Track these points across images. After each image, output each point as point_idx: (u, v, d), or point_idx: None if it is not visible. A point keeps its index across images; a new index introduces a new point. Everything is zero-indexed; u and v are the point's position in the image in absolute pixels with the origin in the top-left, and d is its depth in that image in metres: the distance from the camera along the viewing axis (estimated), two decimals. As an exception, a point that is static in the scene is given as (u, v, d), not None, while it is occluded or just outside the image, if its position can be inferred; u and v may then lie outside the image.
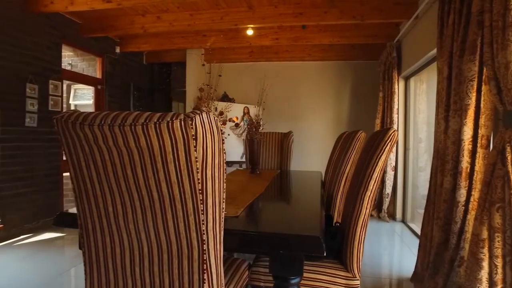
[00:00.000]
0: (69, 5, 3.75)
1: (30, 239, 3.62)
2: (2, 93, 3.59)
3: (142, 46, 5.43)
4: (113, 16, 4.56)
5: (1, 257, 3.13)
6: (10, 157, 3.68)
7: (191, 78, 5.71)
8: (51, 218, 4.21)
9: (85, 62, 5.69)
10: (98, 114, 0.89)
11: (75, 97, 5.96)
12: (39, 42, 4.03)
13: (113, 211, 1.01)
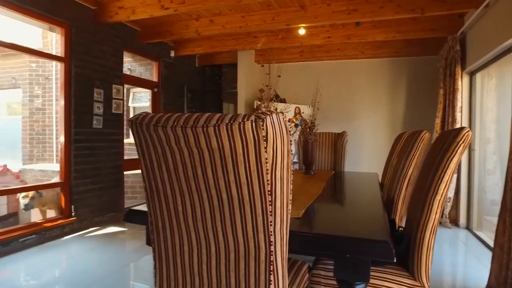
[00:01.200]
0: (131, 14, 3.98)
1: (97, 232, 3.90)
2: (76, 97, 3.93)
3: (195, 49, 5.61)
4: (169, 22, 4.77)
5: (75, 246, 3.41)
6: (81, 156, 4.00)
7: (242, 79, 5.79)
8: (114, 213, 4.51)
9: (142, 66, 6.03)
10: (170, 116, 0.93)
11: (134, 100, 6.33)
12: (105, 50, 4.34)
13: (183, 210, 1.04)
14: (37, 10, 3.52)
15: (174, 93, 5.81)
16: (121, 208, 4.67)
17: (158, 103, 5.50)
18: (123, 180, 4.73)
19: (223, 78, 6.97)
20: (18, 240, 3.33)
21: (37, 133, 6.98)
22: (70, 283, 2.63)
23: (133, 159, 5.28)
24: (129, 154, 4.96)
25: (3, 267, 2.91)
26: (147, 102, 6.03)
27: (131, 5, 3.98)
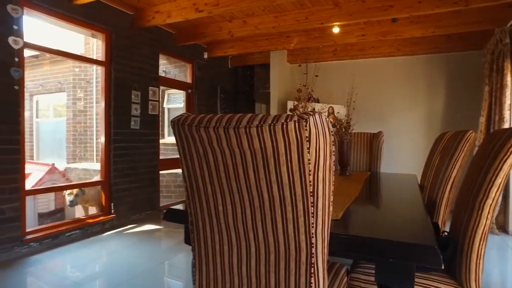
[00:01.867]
0: (166, 18, 4.09)
1: (135, 229, 4.04)
2: (115, 99, 4.10)
3: (228, 50, 5.67)
4: (202, 24, 4.85)
5: (114, 242, 3.56)
6: (120, 156, 4.17)
7: (275, 79, 5.78)
8: (150, 211, 4.66)
9: (176, 68, 6.17)
10: (212, 116, 0.94)
11: (168, 101, 6.50)
12: (142, 53, 4.49)
13: (223, 210, 1.05)
14: (82, 18, 3.71)
15: (208, 94, 5.90)
16: (157, 207, 4.81)
17: (192, 104, 5.62)
18: (159, 179, 4.87)
19: (255, 78, 6.99)
20: (65, 234, 3.53)
21: (79, 134, 7.36)
22: (110, 277, 2.74)
23: (168, 159, 5.42)
24: (164, 154, 5.09)
25: (53, 258, 3.09)
26: (181, 103, 6.17)
27: (167, 9, 4.09)
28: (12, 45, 3.03)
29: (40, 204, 4.25)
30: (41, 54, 6.70)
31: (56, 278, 2.74)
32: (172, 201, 5.52)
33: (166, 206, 5.10)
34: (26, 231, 3.24)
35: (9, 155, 3.03)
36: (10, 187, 3.04)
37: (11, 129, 3.05)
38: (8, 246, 3.04)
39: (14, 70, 3.04)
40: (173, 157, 5.72)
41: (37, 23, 3.74)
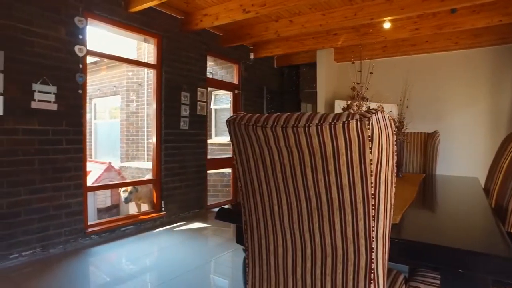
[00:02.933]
0: (214, 20, 4.18)
1: (184, 227, 4.18)
2: (167, 101, 4.27)
3: (274, 50, 5.67)
4: (249, 25, 4.90)
5: (165, 239, 3.70)
6: (170, 155, 4.34)
7: (322, 79, 5.68)
8: (198, 210, 4.79)
9: (223, 70, 6.28)
10: (269, 116, 0.93)
11: (215, 102, 6.64)
12: (191, 56, 4.63)
13: (279, 210, 1.03)
14: (137, 25, 3.91)
15: (254, 94, 5.95)
16: (204, 205, 4.93)
17: (238, 104, 5.69)
18: (207, 178, 4.99)
19: (301, 78, 6.92)
20: (120, 229, 3.74)
21: (131, 134, 7.77)
22: (162, 272, 2.84)
23: (215, 158, 5.54)
24: (211, 154, 5.21)
25: (110, 251, 3.29)
26: (228, 104, 6.28)
27: (215, 11, 4.18)
28: (77, 53, 3.27)
29: (98, 199, 4.55)
30: (100, 60, 7.18)
31: (113, 269, 2.90)
32: (219, 200, 5.63)
33: (213, 205, 5.22)
34: (88, 224, 3.48)
35: (74, 154, 3.28)
36: (75, 183, 3.29)
37: (76, 130, 3.29)
38: (74, 237, 3.29)
39: (78, 76, 3.28)
40: (220, 157, 5.84)
41: (96, 31, 4.00)
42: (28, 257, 2.97)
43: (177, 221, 4.36)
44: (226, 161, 5.62)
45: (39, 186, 3.03)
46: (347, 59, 5.98)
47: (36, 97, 2.98)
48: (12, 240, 2.87)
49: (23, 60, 2.91)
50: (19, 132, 2.90)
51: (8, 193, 2.84)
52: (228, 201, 5.61)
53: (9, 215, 2.85)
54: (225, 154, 5.95)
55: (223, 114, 6.58)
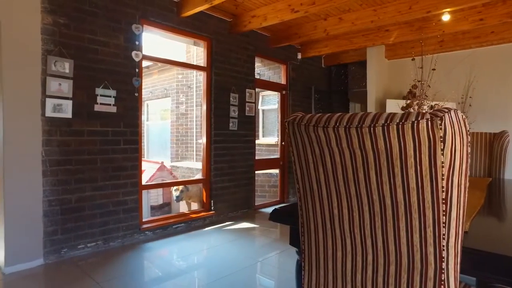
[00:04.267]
0: (263, 21, 4.20)
1: (232, 226, 4.24)
2: (216, 102, 4.38)
3: (322, 49, 5.57)
4: (296, 25, 4.86)
5: (214, 238, 3.78)
6: (219, 156, 4.43)
7: (372, 77, 5.48)
8: (246, 210, 4.84)
9: (270, 70, 6.29)
10: (331, 116, 0.90)
11: (263, 103, 6.67)
12: (239, 57, 4.70)
13: (339, 213, 1.00)
14: (188, 29, 4.05)
15: (302, 94, 5.89)
16: (252, 206, 4.97)
17: (286, 105, 5.67)
18: (255, 179, 5.03)
19: (349, 77, 6.74)
20: (172, 226, 3.89)
21: (181, 135, 8.07)
22: (211, 270, 2.91)
23: (263, 159, 5.57)
24: (259, 155, 5.24)
25: (163, 247, 3.43)
26: (275, 105, 6.28)
27: (263, 12, 4.20)
28: (134, 58, 3.47)
29: (151, 197, 4.77)
30: (153, 64, 7.54)
31: (165, 264, 3.03)
32: (266, 201, 5.65)
33: (260, 206, 5.24)
34: (143, 221, 3.67)
35: (131, 154, 3.47)
36: (131, 181, 3.48)
37: (132, 131, 3.49)
38: (130, 232, 3.48)
39: (135, 80, 3.47)
40: (267, 157, 5.86)
41: (149, 37, 4.20)
42: (92, 249, 3.19)
43: (225, 221, 4.44)
44: (274, 161, 5.62)
45: (101, 183, 3.25)
46: (399, 56, 5.71)
47: (98, 101, 3.21)
48: (79, 232, 3.11)
49: (88, 67, 3.14)
50: (84, 133, 3.13)
51: (76, 189, 3.08)
52: (275, 201, 5.61)
53: (77, 209, 3.09)
54: (272, 155, 5.96)
55: (271, 114, 6.59)
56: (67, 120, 3.02)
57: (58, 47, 2.95)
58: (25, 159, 2.79)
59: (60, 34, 2.97)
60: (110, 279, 2.64)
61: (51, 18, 2.92)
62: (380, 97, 5.50)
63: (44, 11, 2.88)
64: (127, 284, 2.60)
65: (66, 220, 3.03)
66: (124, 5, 3.40)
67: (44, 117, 2.89)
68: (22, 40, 2.76)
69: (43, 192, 2.89)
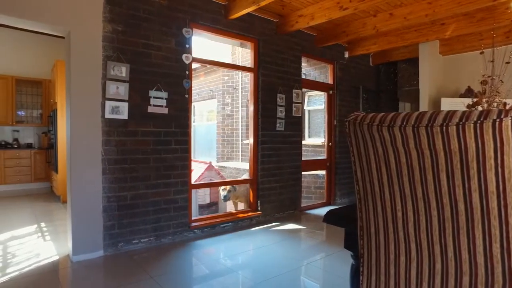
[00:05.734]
0: (310, 21, 4.15)
1: (278, 227, 4.23)
2: (263, 102, 4.40)
3: (370, 47, 5.38)
4: (344, 23, 4.73)
5: (261, 238, 3.79)
6: (266, 156, 4.45)
7: (425, 74, 5.19)
8: (292, 211, 4.80)
9: (316, 70, 6.20)
10: (397, 114, 0.85)
11: (309, 103, 6.59)
12: (286, 57, 4.68)
13: (403, 217, 0.95)
14: (235, 31, 4.11)
15: (349, 94, 5.74)
16: (298, 207, 4.92)
17: (333, 105, 5.55)
18: (301, 180, 4.98)
19: (399, 75, 6.44)
20: (220, 225, 3.97)
21: (227, 136, 8.21)
22: (256, 271, 2.91)
23: (310, 160, 5.50)
24: (305, 156, 5.18)
25: (210, 246, 3.51)
26: (322, 105, 6.18)
27: (310, 12, 4.14)
28: (185, 61, 3.59)
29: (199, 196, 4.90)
30: (200, 66, 7.76)
31: (213, 263, 3.09)
32: (313, 202, 5.57)
33: (306, 207, 5.18)
34: (192, 219, 3.77)
35: (181, 154, 3.60)
36: (181, 180, 3.60)
37: (183, 131, 3.61)
38: (180, 230, 3.61)
39: (185, 82, 3.60)
40: (314, 158, 5.77)
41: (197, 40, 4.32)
42: (145, 244, 3.35)
43: (272, 221, 4.44)
44: (320, 162, 5.53)
45: (153, 182, 3.40)
46: (456, 51, 5.35)
47: (151, 102, 3.36)
48: (134, 227, 3.28)
49: (142, 71, 3.30)
50: (139, 133, 3.29)
51: (131, 187, 3.25)
52: (322, 203, 5.51)
53: (131, 206, 3.26)
54: (318, 156, 5.86)
55: (317, 115, 6.49)
56: (123, 121, 3.20)
57: (116, 53, 3.13)
58: (87, 158, 3.00)
59: (118, 40, 3.15)
60: (162, 274, 2.75)
61: (111, 26, 3.11)
62: (434, 95, 5.20)
63: (105, 20, 3.08)
64: (177, 280, 2.69)
65: (122, 216, 3.21)
66: (175, 11, 3.53)
67: (104, 118, 3.08)
68: (87, 48, 2.98)
69: (103, 189, 3.09)
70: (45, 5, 2.80)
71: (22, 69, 7.05)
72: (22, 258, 3.06)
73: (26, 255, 3.14)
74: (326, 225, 4.56)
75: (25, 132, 7.30)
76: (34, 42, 7.12)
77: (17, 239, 3.62)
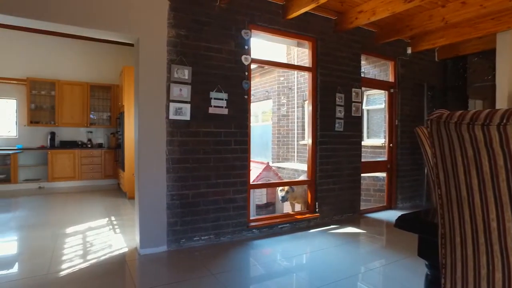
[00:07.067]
0: (371, 16, 3.97)
1: (337, 230, 4.11)
2: (322, 102, 4.32)
3: (437, 41, 5.01)
4: (408, 16, 4.46)
5: (319, 240, 3.71)
6: (325, 157, 4.35)
7: (504, 68, 4.69)
8: (351, 214, 4.64)
9: (376, 68, 5.93)
10: (493, 112, 0.76)
11: (367, 103, 6.33)
12: (344, 56, 4.54)
13: (498, 227, 0.85)
14: (293, 31, 4.08)
15: (412, 92, 5.41)
16: (357, 210, 4.74)
17: (394, 104, 5.27)
18: (360, 182, 4.79)
19: (469, 70, 5.92)
20: (277, 226, 3.96)
21: (282, 136, 8.19)
22: (313, 275, 2.83)
23: (369, 161, 5.28)
24: (364, 157, 4.97)
25: (267, 246, 3.51)
26: (382, 104, 5.89)
27: (371, 7, 3.97)
28: (244, 62, 3.65)
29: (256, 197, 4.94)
30: (255, 67, 7.84)
31: (271, 263, 3.08)
32: (372, 206, 5.33)
33: (365, 210, 4.97)
34: (250, 219, 3.81)
35: (240, 154, 3.66)
36: (241, 180, 3.66)
37: (242, 132, 3.67)
38: (239, 229, 3.66)
39: (244, 82, 3.65)
40: (373, 160, 5.53)
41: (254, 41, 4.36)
42: (205, 241, 3.45)
43: (330, 224, 4.32)
44: (381, 164, 5.28)
45: (213, 181, 3.49)
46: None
47: (212, 104, 3.46)
48: (195, 225, 3.40)
49: (204, 73, 3.42)
50: (200, 134, 3.41)
51: (193, 186, 3.38)
52: (382, 207, 5.25)
53: (193, 204, 3.39)
54: (378, 157, 5.60)
55: (376, 115, 6.21)
56: (185, 122, 3.33)
57: (180, 57, 3.27)
58: (153, 157, 3.17)
59: (181, 44, 3.29)
60: (223, 271, 2.81)
61: (175, 31, 3.26)
62: (514, 91, 4.69)
63: (169, 26, 3.23)
64: (237, 278, 2.73)
65: (184, 214, 3.34)
66: (234, 13, 3.60)
67: (168, 119, 3.24)
68: (153, 53, 3.16)
69: (167, 187, 3.24)
70: (118, 16, 3.02)
71: (94, 76, 7.74)
72: (98, 248, 3.34)
73: (101, 245, 3.42)
74: (387, 230, 4.34)
75: (96, 133, 7.97)
76: (104, 51, 7.78)
77: (93, 230, 3.97)
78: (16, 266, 2.95)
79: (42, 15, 2.72)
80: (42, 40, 7.21)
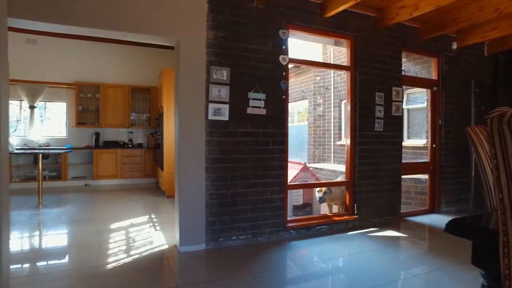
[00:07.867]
0: (413, 11, 3.81)
1: (376, 233, 3.98)
2: (361, 102, 4.22)
3: (487, 34, 4.70)
4: (454, 9, 4.23)
5: (358, 243, 3.62)
6: (364, 158, 4.24)
7: None
8: (391, 216, 4.48)
9: (417, 65, 5.68)
10: None
11: (408, 102, 6.08)
12: (384, 53, 4.40)
13: None
14: (331, 29, 4.02)
15: (457, 90, 5.13)
16: (397, 213, 4.57)
17: (437, 102, 5.03)
18: (401, 184, 4.62)
19: (525, 65, 5.51)
20: (315, 227, 3.92)
21: (318, 137, 8.09)
22: (350, 280, 2.75)
23: (410, 163, 5.08)
24: (404, 158, 4.78)
25: (305, 247, 3.47)
26: (424, 103, 5.64)
27: (414, 1, 3.81)
28: (281, 62, 3.64)
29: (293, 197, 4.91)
30: (292, 67, 7.79)
31: (308, 265, 3.04)
32: (412, 209, 5.12)
33: (406, 214, 4.78)
34: (287, 220, 3.80)
35: (278, 154, 3.65)
36: (278, 181, 3.65)
37: (280, 132, 3.66)
38: (276, 229, 3.66)
39: (282, 83, 3.64)
40: (414, 161, 5.31)
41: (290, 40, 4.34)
42: (243, 241, 3.48)
43: (369, 226, 4.20)
44: (422, 166, 5.05)
45: (251, 181, 3.51)
46: None
47: (250, 104, 3.48)
48: (233, 224, 3.44)
49: (242, 73, 3.45)
50: (238, 134, 3.44)
51: (231, 185, 3.42)
52: (424, 210, 5.03)
53: (231, 203, 3.43)
54: (419, 158, 5.37)
55: (417, 114, 5.95)
56: (224, 122, 3.37)
57: (218, 58, 3.33)
58: (193, 157, 3.25)
59: (220, 46, 3.35)
60: (260, 271, 2.81)
61: (213, 33, 3.32)
62: None
63: (208, 28, 3.30)
64: (274, 278, 2.73)
65: (223, 213, 3.39)
66: (272, 13, 3.60)
67: (207, 120, 3.30)
68: (193, 55, 3.24)
69: (205, 186, 3.31)
70: (160, 20, 3.13)
71: (135, 78, 8.08)
72: (140, 244, 3.48)
73: (142, 241, 3.55)
74: (430, 235, 4.15)
75: (136, 133, 8.31)
76: (144, 54, 8.11)
77: (135, 226, 4.13)
78: (67, 257, 3.14)
79: (93, 23, 2.89)
80: (89, 46, 7.63)
